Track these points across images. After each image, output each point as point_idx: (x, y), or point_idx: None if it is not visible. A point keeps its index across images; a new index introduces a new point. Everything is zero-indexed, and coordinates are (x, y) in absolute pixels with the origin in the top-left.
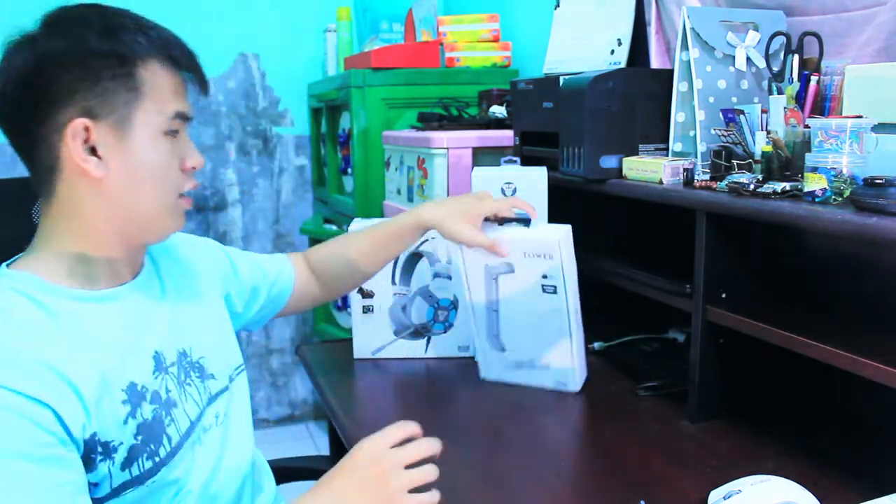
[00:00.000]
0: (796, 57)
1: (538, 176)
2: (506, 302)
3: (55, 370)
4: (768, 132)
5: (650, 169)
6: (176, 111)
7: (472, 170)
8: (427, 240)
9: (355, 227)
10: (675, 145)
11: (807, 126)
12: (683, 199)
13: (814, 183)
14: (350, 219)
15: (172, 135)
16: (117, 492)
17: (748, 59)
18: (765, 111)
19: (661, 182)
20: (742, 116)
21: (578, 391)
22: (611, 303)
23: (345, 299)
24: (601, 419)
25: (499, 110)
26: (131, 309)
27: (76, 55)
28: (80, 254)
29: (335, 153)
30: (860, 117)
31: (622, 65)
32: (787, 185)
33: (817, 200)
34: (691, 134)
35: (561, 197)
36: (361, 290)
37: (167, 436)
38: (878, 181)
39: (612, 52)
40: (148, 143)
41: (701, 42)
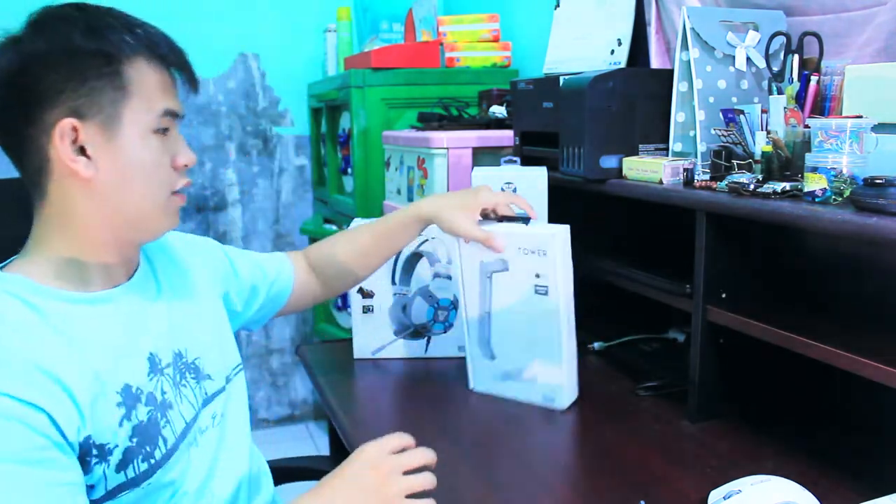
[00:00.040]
0: (796, 57)
1: (538, 176)
2: (499, 303)
3: (49, 373)
4: (768, 132)
5: (650, 169)
6: (165, 109)
7: (472, 170)
8: (427, 240)
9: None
10: (675, 145)
11: (807, 126)
12: (683, 199)
13: (814, 183)
14: (350, 219)
15: (162, 133)
16: (112, 494)
17: (748, 59)
18: (765, 111)
19: (661, 182)
20: (742, 116)
21: (566, 409)
22: (611, 303)
23: (345, 299)
24: (601, 419)
25: (499, 110)
26: (125, 310)
27: (61, 55)
28: (73, 256)
29: (335, 153)
30: (860, 117)
31: (622, 65)
32: (787, 185)
33: (817, 200)
34: (691, 134)
35: (561, 197)
36: (361, 290)
37: (162, 437)
38: (878, 181)
39: (612, 52)
40: (137, 142)
41: (701, 42)
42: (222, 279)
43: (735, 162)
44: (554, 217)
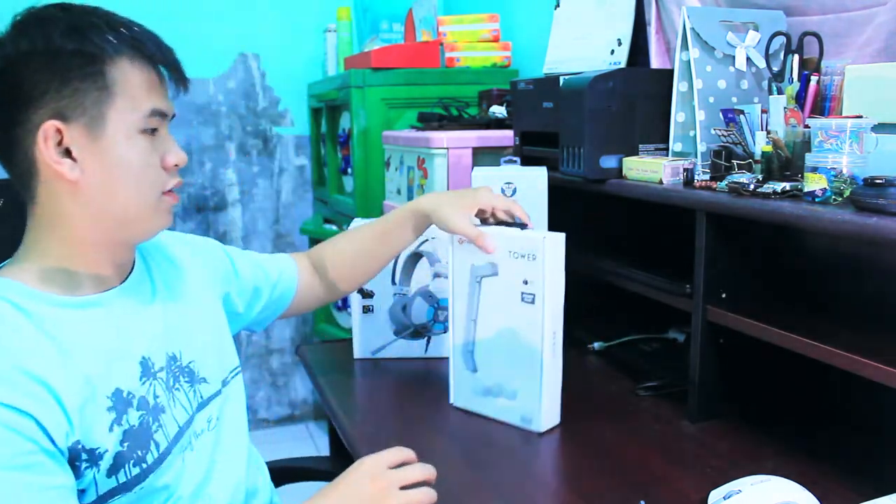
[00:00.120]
0: (796, 57)
1: (538, 176)
2: (485, 310)
3: (37, 378)
4: (768, 132)
5: (650, 169)
6: (151, 109)
7: (472, 170)
8: (427, 240)
9: (355, 227)
10: (675, 145)
11: (807, 126)
12: (683, 199)
13: (814, 183)
14: (350, 219)
15: (150, 133)
16: (104, 498)
17: (748, 59)
18: (765, 111)
19: (661, 182)
20: (742, 116)
21: (543, 432)
22: (611, 303)
23: (345, 299)
24: (601, 419)
25: (499, 110)
26: (118, 313)
27: (43, 55)
28: (64, 258)
29: (335, 153)
30: (860, 117)
31: (622, 65)
32: (787, 185)
33: (817, 200)
34: (691, 134)
35: (561, 197)
36: (361, 291)
37: (155, 442)
38: (878, 181)
39: (612, 52)
40: (123, 142)
41: (701, 42)
42: (222, 280)
43: (735, 162)
44: (554, 217)
